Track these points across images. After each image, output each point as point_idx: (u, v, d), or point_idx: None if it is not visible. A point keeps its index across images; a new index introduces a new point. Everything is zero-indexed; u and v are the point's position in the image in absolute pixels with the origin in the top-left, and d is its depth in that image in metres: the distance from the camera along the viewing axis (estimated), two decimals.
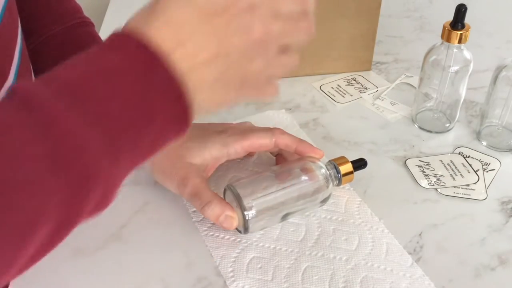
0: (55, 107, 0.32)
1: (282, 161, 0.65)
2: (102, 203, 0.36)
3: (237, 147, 0.60)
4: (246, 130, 0.62)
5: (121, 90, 0.34)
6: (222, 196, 0.58)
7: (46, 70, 0.56)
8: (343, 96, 0.81)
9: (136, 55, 0.35)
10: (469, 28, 0.67)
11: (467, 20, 0.67)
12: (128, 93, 0.34)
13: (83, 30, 0.63)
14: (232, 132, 0.61)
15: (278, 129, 0.62)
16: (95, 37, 0.64)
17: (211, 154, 0.60)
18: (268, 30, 0.40)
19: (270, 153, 0.67)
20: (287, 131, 0.62)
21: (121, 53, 0.35)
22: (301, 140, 0.62)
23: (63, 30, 0.61)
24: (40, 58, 0.60)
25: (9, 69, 0.50)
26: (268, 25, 0.40)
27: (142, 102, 0.35)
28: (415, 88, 0.79)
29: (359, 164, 0.63)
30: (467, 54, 0.69)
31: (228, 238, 0.58)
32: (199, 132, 0.61)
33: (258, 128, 0.62)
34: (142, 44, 0.35)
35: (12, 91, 0.33)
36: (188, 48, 0.36)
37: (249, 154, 0.67)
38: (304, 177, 0.58)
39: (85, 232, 0.60)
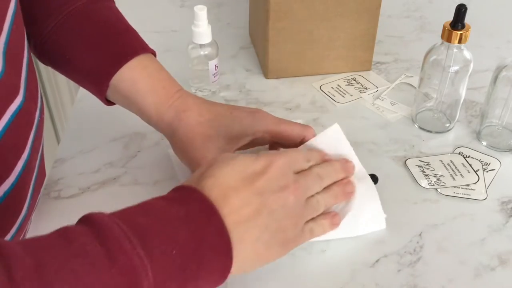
0: (126, 245, 0.38)
1: None
2: None
3: (265, 131, 0.58)
4: (279, 119, 0.60)
5: (181, 238, 0.40)
6: None
7: (68, 47, 0.60)
8: (343, 96, 0.81)
9: (198, 209, 0.43)
10: (469, 28, 0.67)
11: (467, 20, 0.67)
12: (186, 242, 0.40)
13: (103, 4, 0.63)
14: (264, 115, 0.60)
15: (311, 128, 0.59)
16: (115, 12, 0.64)
17: (238, 132, 0.58)
18: (299, 185, 0.48)
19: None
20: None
21: (185, 207, 0.42)
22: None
23: (82, 6, 0.60)
24: (61, 35, 0.60)
25: (19, 84, 0.51)
26: (299, 180, 0.49)
27: (195, 252, 0.41)
28: (415, 88, 0.79)
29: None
30: (467, 54, 0.69)
31: None
32: (228, 112, 0.59)
33: (292, 121, 0.60)
34: (201, 200, 0.43)
35: (90, 220, 0.39)
36: (233, 204, 0.44)
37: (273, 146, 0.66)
38: None
39: None
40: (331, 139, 0.56)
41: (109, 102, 0.63)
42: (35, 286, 0.33)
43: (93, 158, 0.69)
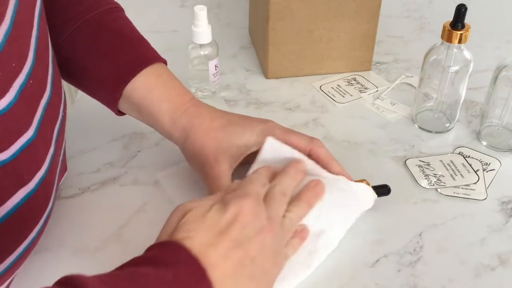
0: None
1: None
2: None
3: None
4: (289, 129, 0.61)
5: None
6: None
7: (83, 55, 0.61)
8: (343, 96, 0.81)
9: (187, 272, 0.40)
10: (469, 28, 0.67)
11: (467, 20, 0.67)
12: None
13: (117, 15, 0.64)
14: (275, 126, 0.61)
15: (318, 140, 0.60)
16: (128, 22, 0.65)
17: (248, 140, 0.59)
18: (273, 220, 0.47)
19: None
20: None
21: (173, 269, 0.40)
22: (334, 160, 0.60)
23: (97, 16, 0.62)
24: (76, 44, 0.61)
25: (47, 80, 0.52)
26: (271, 215, 0.47)
27: None
28: (415, 88, 0.79)
29: (381, 190, 0.61)
30: (467, 54, 0.69)
31: None
32: (240, 120, 0.61)
33: (300, 133, 0.61)
34: (188, 262, 0.41)
35: (71, 281, 0.38)
36: (215, 262, 0.42)
37: None
38: None
39: (85, 232, 0.60)
40: (272, 152, 0.56)
41: (119, 112, 0.64)
42: None
43: (93, 158, 0.69)
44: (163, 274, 0.39)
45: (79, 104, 0.79)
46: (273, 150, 0.56)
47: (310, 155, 0.60)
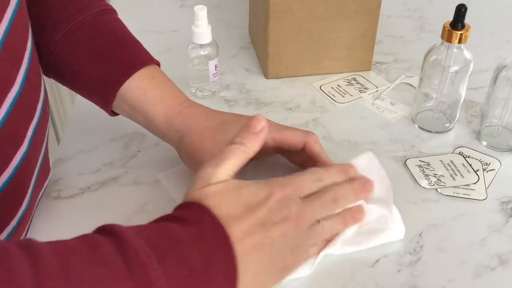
0: (145, 259, 0.39)
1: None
2: None
3: (269, 137, 0.59)
4: (282, 125, 0.62)
5: (193, 259, 0.41)
6: None
7: (75, 57, 0.61)
8: (343, 96, 0.81)
9: (211, 230, 0.43)
10: (469, 28, 0.67)
11: (467, 20, 0.67)
12: (197, 263, 0.41)
13: (110, 16, 0.64)
14: (268, 122, 0.60)
15: (313, 135, 0.60)
16: (121, 24, 0.65)
17: None
18: (302, 215, 0.48)
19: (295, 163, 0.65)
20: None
21: (198, 227, 0.43)
22: (326, 157, 0.60)
23: (90, 17, 0.62)
24: (69, 46, 0.61)
25: (16, 74, 0.51)
26: (304, 210, 0.48)
27: (204, 275, 0.41)
28: (415, 88, 0.79)
29: None
30: (467, 54, 0.69)
31: None
32: (234, 119, 0.61)
33: (294, 128, 0.62)
34: (213, 221, 0.44)
35: (110, 230, 0.41)
36: (237, 234, 0.44)
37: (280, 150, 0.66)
38: None
39: (85, 232, 0.60)
40: (364, 164, 0.58)
41: (113, 113, 0.64)
42: (58, 286, 0.35)
43: (93, 158, 0.69)
44: (189, 230, 0.43)
45: (79, 104, 0.79)
46: (366, 162, 0.59)
47: (304, 149, 0.60)
